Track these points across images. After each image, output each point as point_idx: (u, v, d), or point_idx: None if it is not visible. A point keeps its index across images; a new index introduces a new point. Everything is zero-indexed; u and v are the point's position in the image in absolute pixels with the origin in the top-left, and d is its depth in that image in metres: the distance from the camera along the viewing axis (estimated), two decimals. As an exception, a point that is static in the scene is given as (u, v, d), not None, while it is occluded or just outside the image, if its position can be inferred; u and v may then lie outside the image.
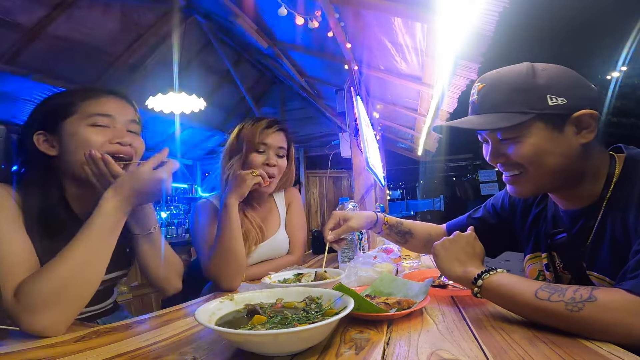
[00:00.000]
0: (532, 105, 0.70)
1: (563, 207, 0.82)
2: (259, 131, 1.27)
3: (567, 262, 0.81)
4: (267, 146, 1.28)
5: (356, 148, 2.87)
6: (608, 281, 0.70)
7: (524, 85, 0.71)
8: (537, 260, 0.89)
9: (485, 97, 0.76)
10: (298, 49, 3.32)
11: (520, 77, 0.72)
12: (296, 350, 0.54)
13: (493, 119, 0.73)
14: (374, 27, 2.38)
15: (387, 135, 5.90)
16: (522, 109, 0.70)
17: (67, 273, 0.69)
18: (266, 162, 1.27)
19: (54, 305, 0.67)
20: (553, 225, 0.85)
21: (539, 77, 0.71)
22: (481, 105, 0.76)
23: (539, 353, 0.50)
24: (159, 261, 0.98)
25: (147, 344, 0.62)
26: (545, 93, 0.70)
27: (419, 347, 0.55)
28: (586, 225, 0.75)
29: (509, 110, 0.71)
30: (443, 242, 0.81)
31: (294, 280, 0.98)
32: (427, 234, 1.17)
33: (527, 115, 0.70)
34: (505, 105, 0.72)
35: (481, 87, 0.77)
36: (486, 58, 2.17)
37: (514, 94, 0.72)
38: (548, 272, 0.86)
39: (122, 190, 0.77)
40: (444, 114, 3.59)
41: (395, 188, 17.51)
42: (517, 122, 0.70)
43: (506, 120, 0.71)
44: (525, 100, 0.70)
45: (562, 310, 0.56)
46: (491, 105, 0.74)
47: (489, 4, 1.61)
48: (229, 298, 0.67)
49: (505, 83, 0.74)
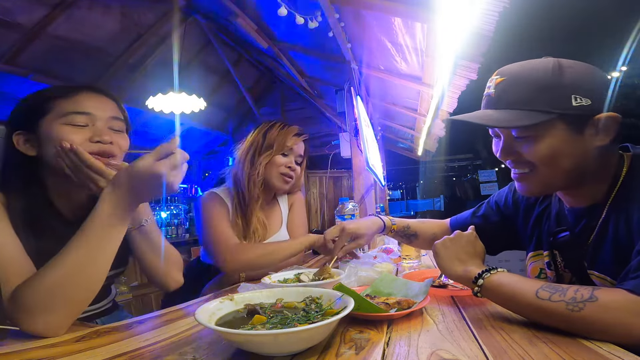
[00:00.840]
0: (556, 105, 0.67)
1: (568, 205, 0.81)
2: (290, 136, 1.39)
3: (568, 261, 0.81)
4: (292, 151, 1.40)
5: (356, 148, 2.87)
6: (609, 281, 0.70)
7: (549, 83, 0.68)
8: (539, 258, 0.89)
9: (504, 92, 0.72)
10: (298, 49, 3.32)
11: (546, 75, 0.69)
12: (296, 350, 0.54)
13: (513, 115, 0.69)
14: (374, 27, 2.38)
15: (387, 135, 5.90)
16: (545, 107, 0.67)
17: (64, 276, 0.67)
18: (288, 164, 1.38)
19: (53, 308, 0.67)
20: (556, 224, 0.84)
21: (565, 75, 0.68)
22: (499, 100, 0.73)
23: (539, 353, 0.50)
24: (156, 255, 0.95)
25: (147, 344, 0.62)
26: (570, 93, 0.67)
27: (419, 347, 0.55)
28: (589, 223, 0.74)
29: (531, 108, 0.68)
30: (444, 242, 0.81)
31: (294, 280, 0.98)
32: (432, 233, 1.17)
33: (549, 115, 0.67)
34: (527, 102, 0.69)
35: (500, 80, 0.74)
36: (486, 58, 2.17)
37: (537, 91, 0.68)
38: (549, 270, 0.86)
39: (119, 187, 0.72)
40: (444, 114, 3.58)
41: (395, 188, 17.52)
42: (539, 121, 0.67)
43: (527, 118, 0.68)
44: (549, 99, 0.67)
45: (563, 310, 0.56)
46: (511, 101, 0.71)
47: (489, 4, 1.61)
48: (229, 298, 0.67)
49: (528, 79, 0.70)
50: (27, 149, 0.82)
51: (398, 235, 1.20)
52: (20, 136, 0.82)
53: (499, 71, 0.76)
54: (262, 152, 1.36)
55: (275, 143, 1.36)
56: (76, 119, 0.82)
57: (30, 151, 0.83)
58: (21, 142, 0.82)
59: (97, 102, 0.86)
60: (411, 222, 1.20)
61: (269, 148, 1.36)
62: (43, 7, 2.65)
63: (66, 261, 0.68)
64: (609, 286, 0.68)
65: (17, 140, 0.82)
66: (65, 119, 0.81)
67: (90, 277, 0.71)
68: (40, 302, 0.66)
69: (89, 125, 0.83)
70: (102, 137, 0.83)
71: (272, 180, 1.36)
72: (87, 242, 0.69)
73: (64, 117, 0.81)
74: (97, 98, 0.87)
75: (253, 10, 2.82)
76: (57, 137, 0.79)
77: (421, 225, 1.19)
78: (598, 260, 0.72)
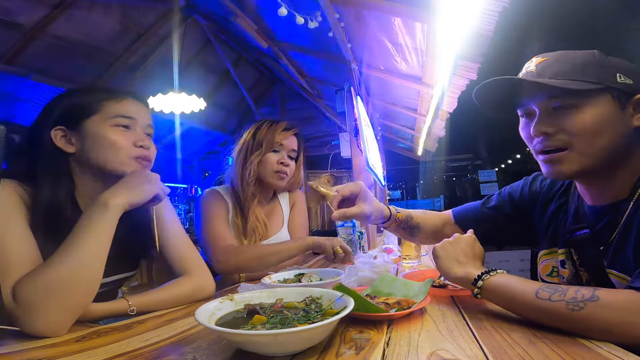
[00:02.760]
0: (603, 78, 0.69)
1: (589, 202, 0.79)
2: (278, 132, 1.37)
3: (585, 260, 0.79)
4: (283, 147, 1.38)
5: (356, 148, 2.87)
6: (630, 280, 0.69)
7: (595, 62, 0.71)
8: (553, 256, 0.87)
9: (548, 67, 0.72)
10: (298, 49, 3.32)
11: (589, 55, 0.72)
12: (296, 350, 0.54)
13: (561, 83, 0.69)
14: (374, 27, 2.38)
15: (387, 135, 5.90)
16: (593, 79, 0.69)
17: (63, 273, 0.67)
18: (280, 161, 1.36)
19: (52, 306, 0.66)
20: (574, 221, 0.82)
21: (607, 58, 0.72)
22: (541, 74, 0.72)
23: (539, 353, 0.50)
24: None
25: (147, 344, 0.62)
26: (615, 71, 0.70)
27: (419, 347, 0.55)
28: (612, 221, 0.73)
29: (578, 79, 0.69)
30: (443, 244, 0.81)
31: (294, 280, 0.98)
32: (434, 225, 1.11)
33: (597, 85, 0.68)
34: (574, 74, 0.70)
35: (542, 60, 0.74)
36: (486, 58, 2.17)
37: (583, 66, 0.70)
38: (563, 268, 0.83)
39: (118, 190, 0.77)
40: (444, 114, 3.59)
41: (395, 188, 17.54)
42: (589, 88, 0.68)
43: (577, 85, 0.68)
44: (596, 72, 0.69)
45: (564, 309, 0.56)
46: (556, 72, 0.71)
47: (489, 4, 1.61)
48: (229, 298, 0.67)
49: (574, 57, 0.72)
50: (65, 146, 0.84)
51: (401, 227, 1.10)
52: (59, 132, 0.83)
53: (541, 55, 0.76)
54: (253, 152, 1.36)
55: (264, 141, 1.36)
56: (122, 122, 0.86)
57: (69, 148, 0.84)
58: (59, 138, 0.83)
59: (138, 108, 0.90)
60: (413, 212, 1.12)
61: (258, 147, 1.36)
62: (43, 7, 2.66)
63: (65, 257, 0.69)
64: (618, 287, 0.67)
65: (56, 136, 0.83)
66: (113, 121, 0.85)
67: (88, 274, 0.71)
68: (39, 298, 0.66)
69: (132, 129, 0.87)
70: (144, 142, 0.88)
71: (267, 178, 1.36)
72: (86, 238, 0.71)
73: (112, 119, 0.85)
74: (138, 104, 0.91)
75: (253, 10, 2.82)
76: (108, 139, 0.83)
77: (423, 216, 1.12)
78: (619, 259, 0.71)
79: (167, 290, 0.90)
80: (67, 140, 0.84)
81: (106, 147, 0.83)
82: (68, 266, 0.68)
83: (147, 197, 0.80)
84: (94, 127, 0.84)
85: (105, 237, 0.74)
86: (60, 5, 2.69)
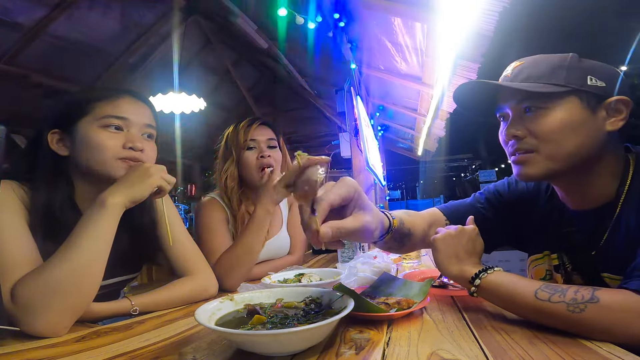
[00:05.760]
0: (572, 81, 0.69)
1: (573, 207, 0.79)
2: (244, 130, 1.31)
3: (577, 264, 0.79)
4: (256, 142, 1.31)
5: (356, 148, 2.87)
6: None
7: (567, 64, 0.71)
8: (545, 260, 0.86)
9: (520, 72, 0.74)
10: (298, 49, 3.32)
11: (564, 58, 0.72)
12: (296, 350, 0.54)
13: (530, 86, 0.71)
14: (374, 27, 2.38)
15: (387, 135, 5.90)
16: (561, 82, 0.69)
17: (62, 274, 0.67)
18: (260, 155, 1.30)
19: (51, 306, 0.66)
20: (565, 225, 0.81)
21: (582, 61, 0.71)
22: (515, 78, 0.74)
23: (539, 353, 0.50)
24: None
25: (147, 344, 0.62)
26: (587, 74, 0.69)
27: (419, 347, 0.55)
28: (601, 225, 0.73)
29: (547, 82, 0.70)
30: (444, 237, 0.77)
31: (294, 280, 0.98)
32: (422, 230, 0.95)
33: (564, 88, 0.69)
34: (544, 77, 0.71)
35: (518, 64, 0.75)
36: (486, 58, 2.17)
37: (554, 69, 0.71)
38: (557, 273, 0.83)
39: (117, 188, 0.76)
40: (444, 114, 3.59)
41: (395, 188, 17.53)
42: (554, 90, 0.69)
43: (542, 87, 0.69)
44: (565, 75, 0.69)
45: (564, 311, 0.55)
46: (527, 76, 0.72)
47: (489, 4, 1.61)
48: (229, 298, 0.67)
49: (546, 60, 0.73)
50: (59, 149, 0.83)
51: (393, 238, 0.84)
52: (55, 135, 0.83)
53: (519, 59, 0.77)
54: (227, 159, 1.32)
55: (232, 146, 1.31)
56: (113, 123, 0.83)
57: (62, 151, 0.83)
58: (54, 141, 0.83)
59: (134, 108, 0.87)
60: (400, 215, 0.90)
61: (230, 154, 1.32)
62: (43, 7, 2.66)
63: (65, 258, 0.68)
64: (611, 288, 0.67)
65: (52, 139, 0.82)
66: (103, 122, 0.82)
67: (88, 275, 0.71)
68: (38, 299, 0.66)
69: (124, 130, 0.84)
70: (135, 143, 0.84)
71: (253, 179, 1.29)
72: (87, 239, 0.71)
73: (101, 120, 0.82)
74: (135, 103, 0.88)
75: (253, 10, 2.82)
76: (95, 141, 0.80)
77: (410, 219, 0.92)
78: (612, 262, 0.71)
79: (170, 290, 0.90)
80: (62, 143, 0.83)
81: (92, 149, 0.80)
82: (68, 266, 0.68)
83: (148, 192, 0.79)
84: (83, 129, 0.82)
85: (106, 237, 0.73)
86: (60, 5, 2.69)
